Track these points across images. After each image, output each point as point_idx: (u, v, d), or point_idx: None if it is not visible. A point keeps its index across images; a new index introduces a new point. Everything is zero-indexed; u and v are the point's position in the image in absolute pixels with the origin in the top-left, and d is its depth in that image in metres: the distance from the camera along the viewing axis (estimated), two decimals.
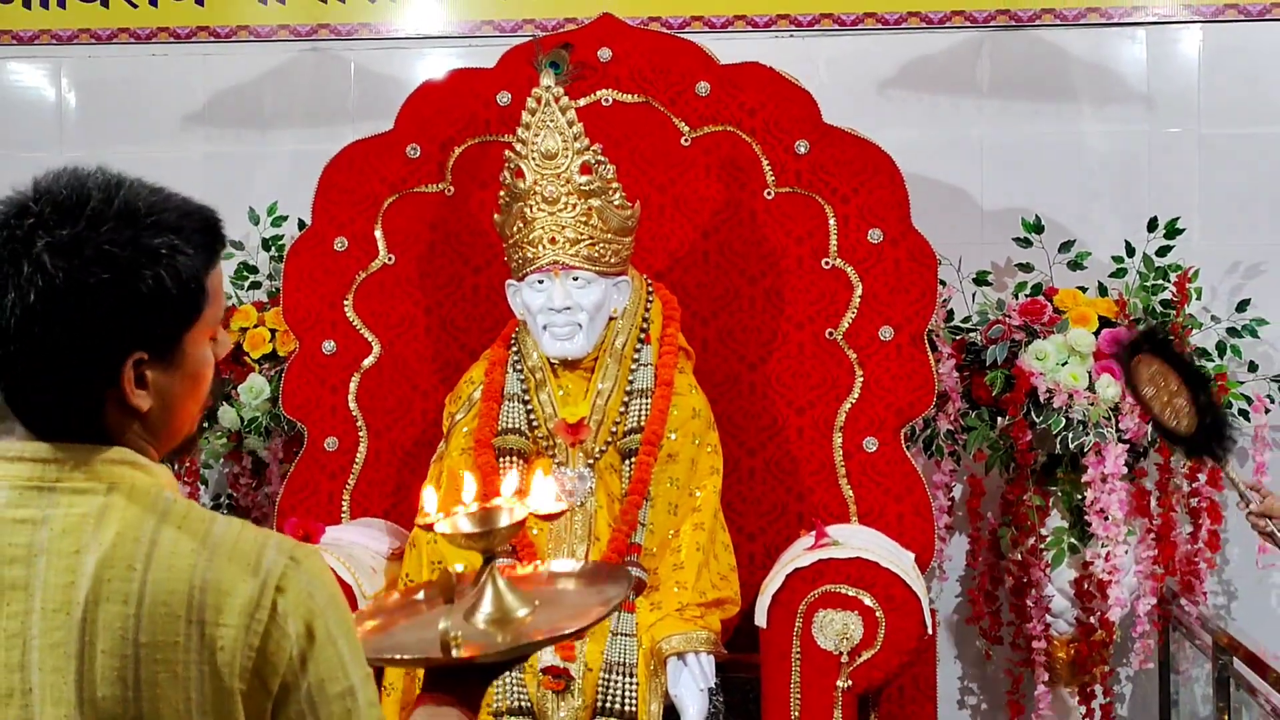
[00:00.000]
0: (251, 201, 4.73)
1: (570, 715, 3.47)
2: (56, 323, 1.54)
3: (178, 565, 1.55)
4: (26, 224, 1.55)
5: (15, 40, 5.01)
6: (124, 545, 1.55)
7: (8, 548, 1.55)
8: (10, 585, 1.55)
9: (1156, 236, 4.40)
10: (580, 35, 4.14)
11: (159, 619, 1.53)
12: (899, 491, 3.94)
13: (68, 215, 1.56)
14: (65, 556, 1.54)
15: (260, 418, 4.43)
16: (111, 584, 1.53)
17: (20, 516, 1.56)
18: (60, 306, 1.54)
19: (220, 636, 1.53)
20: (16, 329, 1.55)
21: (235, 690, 1.54)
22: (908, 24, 4.74)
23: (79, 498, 1.57)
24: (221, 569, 1.56)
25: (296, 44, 4.94)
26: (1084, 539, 4.25)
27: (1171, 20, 4.70)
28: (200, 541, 1.57)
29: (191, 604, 1.53)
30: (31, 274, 1.54)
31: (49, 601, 1.54)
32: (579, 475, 3.68)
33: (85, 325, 1.55)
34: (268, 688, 1.55)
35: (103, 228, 1.56)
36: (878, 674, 3.45)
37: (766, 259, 4.06)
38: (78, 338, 1.55)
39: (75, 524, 1.56)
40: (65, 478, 1.58)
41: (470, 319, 4.16)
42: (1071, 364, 4.18)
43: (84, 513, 1.56)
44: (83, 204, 1.57)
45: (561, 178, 3.61)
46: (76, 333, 1.55)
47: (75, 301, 1.54)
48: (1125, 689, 4.65)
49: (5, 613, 1.54)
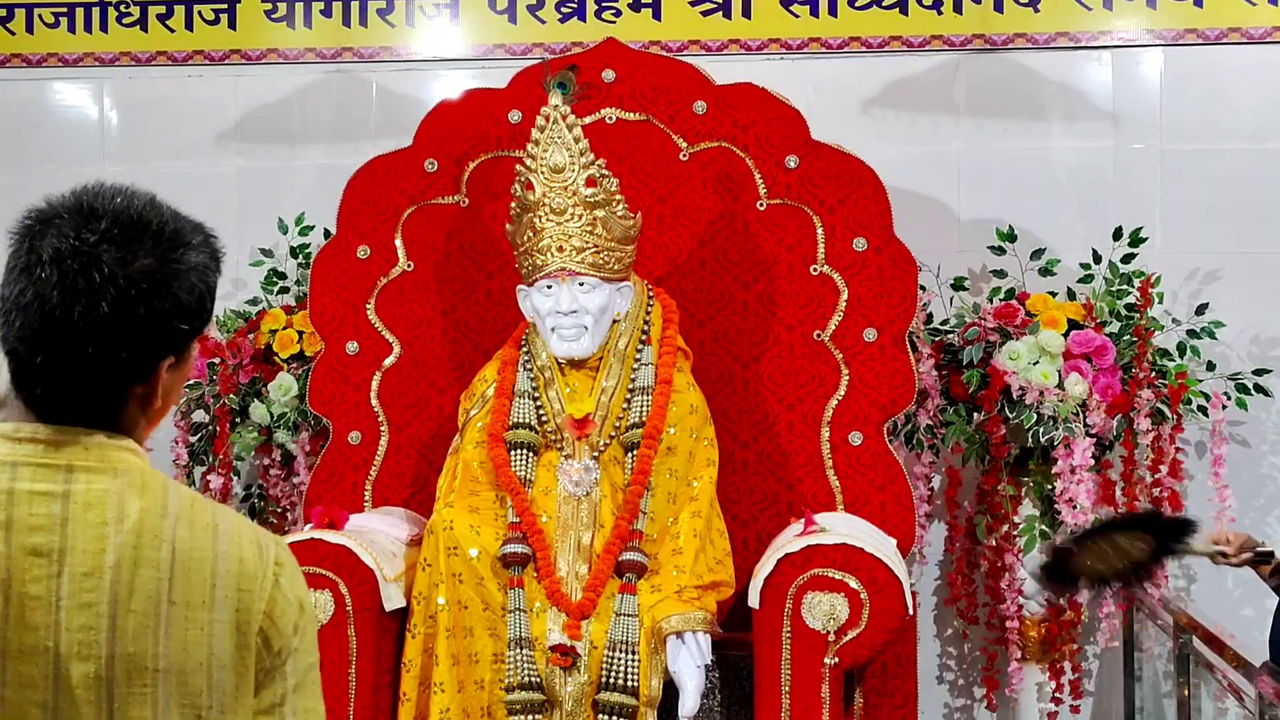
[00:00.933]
0: (280, 212, 4.72)
1: (577, 690, 3.47)
2: (119, 330, 1.57)
3: (199, 537, 1.60)
4: (91, 239, 1.57)
5: (61, 62, 5.00)
6: (150, 519, 1.58)
7: (29, 517, 1.57)
8: (34, 552, 1.56)
9: (1121, 245, 4.40)
10: (586, 58, 4.14)
11: (188, 581, 1.57)
12: (882, 482, 3.94)
13: (131, 233, 1.58)
14: (94, 526, 1.56)
15: (289, 413, 4.42)
16: (142, 550, 1.56)
17: (40, 489, 1.58)
18: (125, 316, 1.57)
19: (239, 599, 1.59)
20: (81, 332, 1.57)
21: (252, 646, 1.59)
22: (890, 47, 4.73)
23: (95, 476, 1.59)
24: (234, 543, 1.62)
25: (322, 66, 4.93)
26: (1054, 526, 4.24)
27: (1135, 44, 4.69)
28: (212, 522, 1.62)
29: (215, 570, 1.59)
30: (103, 285, 1.56)
31: (79, 566, 1.55)
32: (585, 467, 3.68)
33: (143, 333, 1.59)
34: (271, 647, 1.61)
35: (162, 248, 1.59)
36: (862, 651, 3.45)
37: (759, 266, 4.06)
38: (133, 343, 1.59)
39: (98, 498, 1.58)
40: (77, 458, 1.59)
41: (484, 321, 4.15)
42: (1042, 364, 4.17)
43: (104, 489, 1.58)
44: (143, 225, 1.60)
45: (568, 190, 3.60)
46: (133, 339, 1.58)
47: (138, 312, 1.57)
48: (1093, 665, 4.64)
49: (29, 577, 1.56)
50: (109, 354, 1.58)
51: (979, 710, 4.68)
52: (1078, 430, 4.14)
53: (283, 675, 1.63)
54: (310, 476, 4.22)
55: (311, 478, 4.20)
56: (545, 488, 3.68)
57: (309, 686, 1.64)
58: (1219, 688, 3.77)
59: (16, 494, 1.58)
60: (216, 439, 4.50)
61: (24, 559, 1.55)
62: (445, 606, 3.52)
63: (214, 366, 4.49)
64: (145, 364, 1.61)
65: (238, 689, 1.59)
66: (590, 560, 3.58)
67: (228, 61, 4.96)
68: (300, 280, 4.62)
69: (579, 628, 3.49)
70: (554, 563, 3.58)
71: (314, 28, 4.91)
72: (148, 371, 1.61)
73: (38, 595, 1.55)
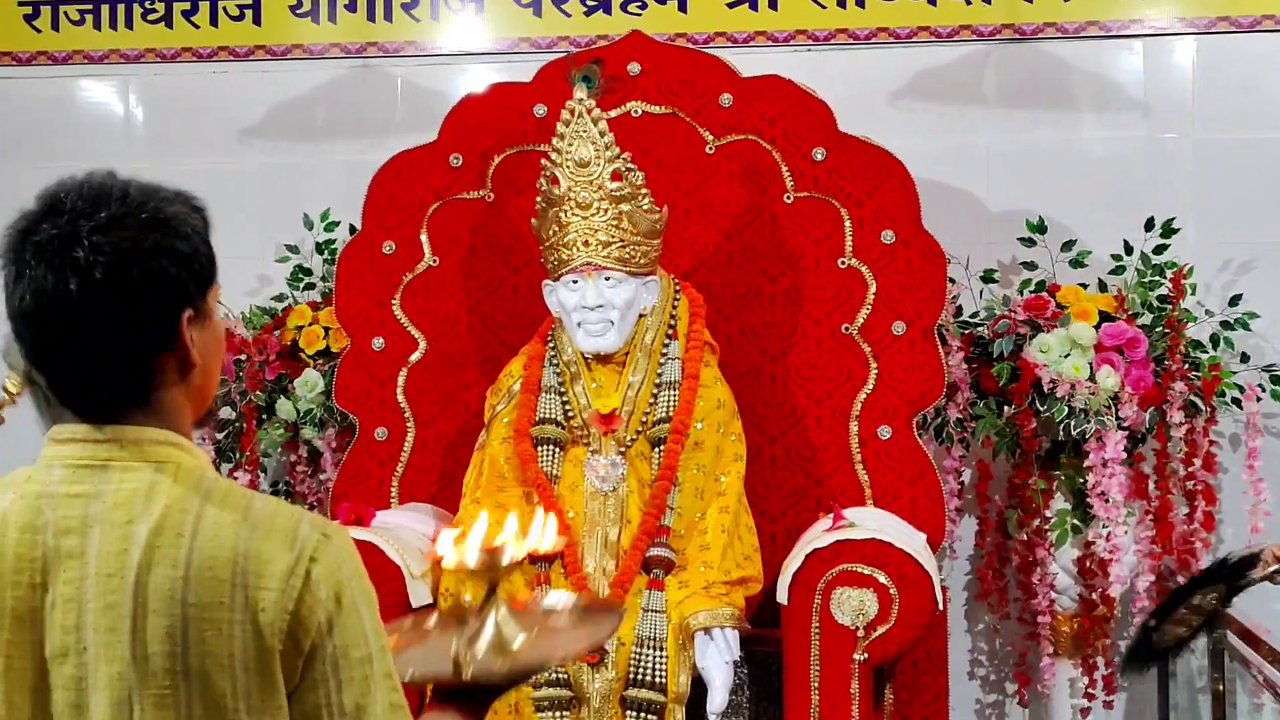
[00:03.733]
0: (306, 208, 4.74)
1: (604, 687, 3.47)
2: (121, 291, 1.59)
3: (222, 535, 1.58)
4: (62, 220, 1.59)
5: (86, 59, 5.03)
6: (172, 516, 1.58)
7: (62, 520, 1.59)
8: (66, 554, 1.58)
9: (1153, 236, 4.37)
10: (611, 51, 4.14)
11: (206, 582, 1.56)
12: (911, 476, 3.93)
13: (99, 203, 1.60)
14: (118, 526, 1.57)
15: (315, 410, 4.44)
16: (161, 550, 1.56)
17: (74, 491, 1.60)
18: (122, 275, 1.59)
19: (261, 599, 1.56)
20: (84, 308, 1.58)
21: (274, 649, 1.57)
22: (918, 38, 4.72)
23: (129, 474, 1.60)
24: (262, 540, 1.59)
25: (347, 61, 4.95)
26: (1086, 520, 4.22)
27: (1167, 32, 4.67)
28: (241, 516, 1.60)
29: (235, 569, 1.57)
30: (88, 256, 1.58)
31: (103, 567, 1.57)
32: (611, 462, 3.68)
33: (146, 288, 1.60)
34: (300, 647, 1.58)
35: (132, 207, 1.61)
36: (892, 647, 3.44)
37: (786, 259, 4.05)
38: (142, 302, 1.60)
39: (126, 498, 1.59)
40: (116, 457, 1.61)
41: (509, 317, 4.16)
42: (1074, 356, 4.15)
43: (134, 488, 1.59)
44: (107, 192, 1.61)
45: (594, 184, 3.60)
46: (140, 297, 1.60)
47: (134, 269, 1.59)
48: None
49: (61, 579, 1.58)
50: (121, 321, 1.59)
51: (1010, 706, 4.67)
52: (1110, 423, 4.12)
53: (324, 676, 1.59)
54: (337, 473, 4.23)
55: (338, 474, 4.21)
56: (572, 483, 3.68)
57: (358, 683, 1.60)
58: (1254, 683, 3.76)
59: (55, 497, 1.60)
60: (243, 436, 4.52)
61: (59, 561, 1.58)
62: (471, 604, 3.52)
63: (240, 363, 4.51)
64: (163, 324, 1.62)
65: (265, 690, 1.57)
66: (617, 556, 3.59)
67: (252, 57, 4.98)
68: (326, 276, 4.64)
69: None
70: (581, 559, 3.58)
71: (339, 23, 4.93)
72: (169, 332, 1.62)
73: (69, 598, 1.57)
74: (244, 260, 4.80)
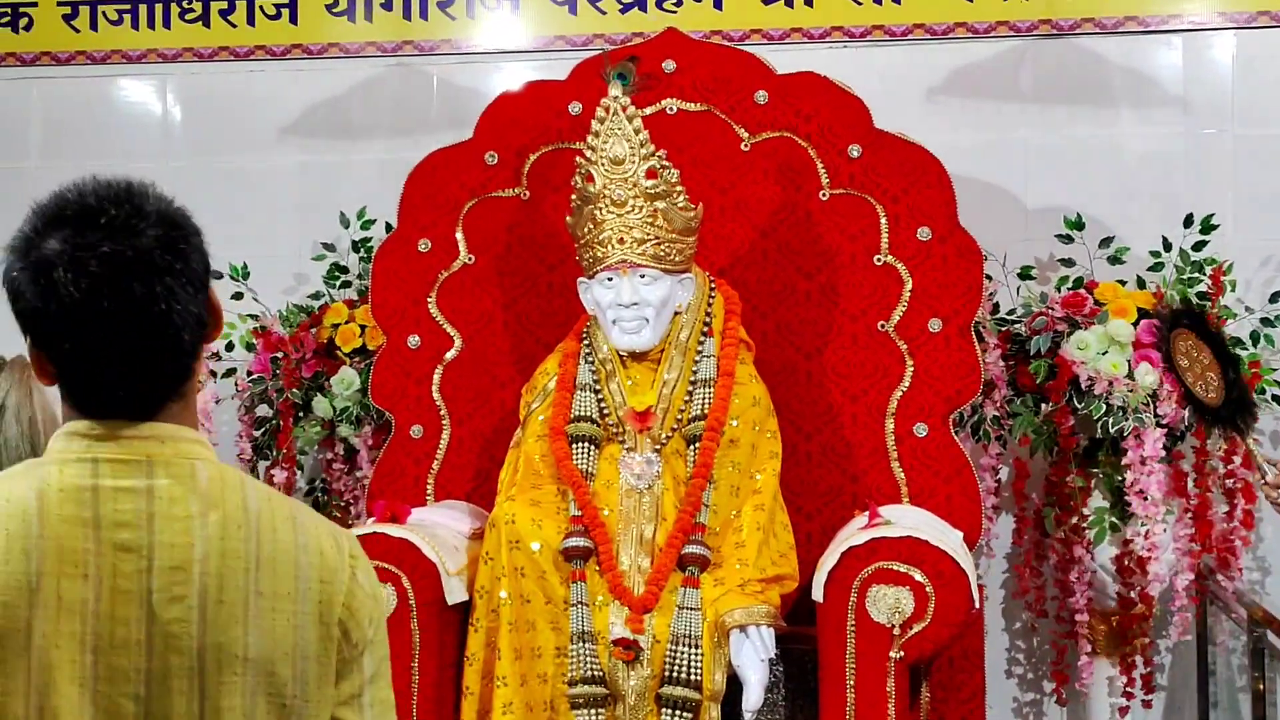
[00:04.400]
0: (342, 206, 4.76)
1: (640, 684, 3.48)
2: (190, 299, 1.61)
3: (280, 529, 1.63)
4: (119, 220, 1.58)
5: (125, 59, 5.07)
6: (235, 513, 1.61)
7: (115, 513, 1.59)
8: (122, 547, 1.58)
9: (1192, 232, 4.35)
10: (646, 48, 4.14)
11: (272, 573, 1.61)
12: (948, 474, 3.92)
13: (138, 211, 1.60)
14: (179, 520, 1.59)
15: (351, 407, 4.46)
16: (229, 543, 1.60)
17: (123, 486, 1.60)
18: (187, 284, 1.61)
19: (321, 591, 1.63)
20: (158, 315, 1.59)
21: (334, 637, 1.64)
22: (954, 34, 4.71)
23: (174, 470, 1.61)
24: (313, 535, 1.66)
25: (383, 59, 4.97)
26: (1124, 518, 4.21)
27: (1206, 27, 4.64)
28: (290, 513, 1.66)
29: (298, 561, 1.63)
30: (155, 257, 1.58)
31: (168, 560, 1.58)
32: (646, 460, 3.68)
33: (200, 295, 1.63)
34: (350, 638, 1.66)
35: (161, 201, 1.62)
36: (928, 645, 3.43)
37: (822, 256, 4.05)
38: (201, 308, 1.63)
39: (182, 494, 1.60)
40: (156, 454, 1.62)
41: (545, 314, 4.16)
42: (1112, 353, 4.14)
43: (185, 484, 1.61)
44: (141, 198, 1.61)
45: (629, 182, 3.61)
46: (200, 303, 1.63)
47: (193, 275, 1.61)
48: (1165, 659, 4.60)
49: (119, 572, 1.58)
50: (188, 325, 1.61)
51: (1048, 704, 4.65)
52: (1148, 421, 4.10)
53: (360, 667, 1.67)
54: (373, 470, 4.25)
55: (374, 471, 4.23)
56: (607, 481, 3.69)
57: (383, 677, 1.69)
58: None
59: (101, 490, 1.60)
60: (280, 433, 4.54)
61: (113, 554, 1.58)
62: (507, 600, 3.54)
63: (277, 361, 4.53)
64: (201, 335, 1.64)
65: (320, 679, 1.63)
66: (653, 554, 3.59)
67: (289, 56, 5.00)
68: (362, 274, 4.66)
69: (642, 621, 3.50)
70: (616, 556, 3.59)
71: (375, 21, 4.95)
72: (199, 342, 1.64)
73: (128, 590, 1.58)
74: (281, 259, 4.83)
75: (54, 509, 1.58)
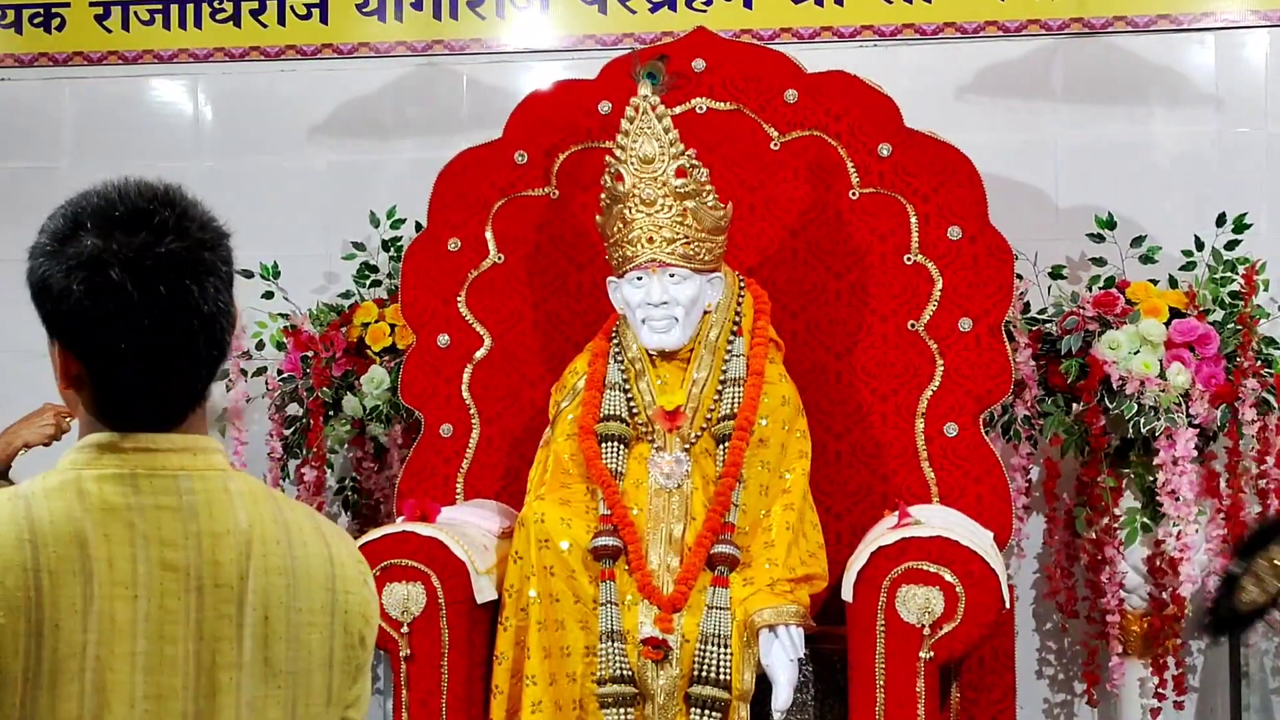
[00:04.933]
0: (372, 206, 4.77)
1: (669, 684, 3.48)
2: (226, 319, 1.62)
3: (310, 542, 1.65)
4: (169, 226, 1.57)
5: (156, 59, 5.09)
6: (267, 526, 1.62)
7: (158, 531, 1.57)
8: (169, 566, 1.57)
9: (1225, 231, 4.33)
10: (676, 47, 4.13)
11: (307, 587, 1.63)
12: (978, 474, 3.91)
13: (186, 217, 1.59)
14: (218, 537, 1.59)
15: (381, 406, 4.47)
16: (269, 559, 1.61)
17: (164, 503, 1.58)
18: (224, 304, 1.62)
19: (348, 602, 1.66)
20: (195, 330, 1.59)
21: (356, 646, 1.67)
22: (985, 33, 4.70)
23: (205, 482, 1.61)
24: (337, 547, 1.68)
25: (413, 59, 4.98)
26: (1156, 519, 4.19)
27: (1239, 25, 4.62)
28: (312, 522, 1.68)
29: (328, 574, 1.65)
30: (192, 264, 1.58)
31: (211, 578, 1.58)
32: (676, 459, 3.68)
33: (231, 308, 1.63)
34: (367, 645, 1.69)
35: (186, 222, 1.60)
36: (958, 646, 3.42)
37: (851, 255, 4.04)
38: (232, 319, 1.64)
39: (221, 510, 1.60)
40: (189, 465, 1.60)
41: (574, 314, 4.17)
42: (1143, 353, 4.12)
43: (218, 498, 1.60)
44: (188, 206, 1.61)
45: (658, 181, 3.61)
46: (232, 314, 1.64)
47: (229, 290, 1.63)
48: (1197, 660, 4.58)
49: (164, 590, 1.57)
50: (225, 323, 1.62)
51: (1079, 705, 4.64)
52: (1180, 421, 4.09)
53: (364, 673, 1.70)
54: (403, 469, 4.26)
55: (403, 470, 4.24)
56: (636, 480, 3.69)
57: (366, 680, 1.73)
58: None
59: (143, 509, 1.58)
60: (310, 432, 4.56)
61: (160, 574, 1.57)
62: (537, 599, 3.54)
63: (307, 360, 4.55)
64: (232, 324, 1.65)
65: (342, 689, 1.67)
66: (682, 553, 3.59)
67: (319, 56, 5.02)
68: (392, 273, 4.67)
69: (671, 621, 3.50)
70: (645, 555, 3.59)
71: (405, 21, 4.96)
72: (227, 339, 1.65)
73: (174, 609, 1.57)
74: (311, 258, 4.84)
75: (100, 529, 1.55)
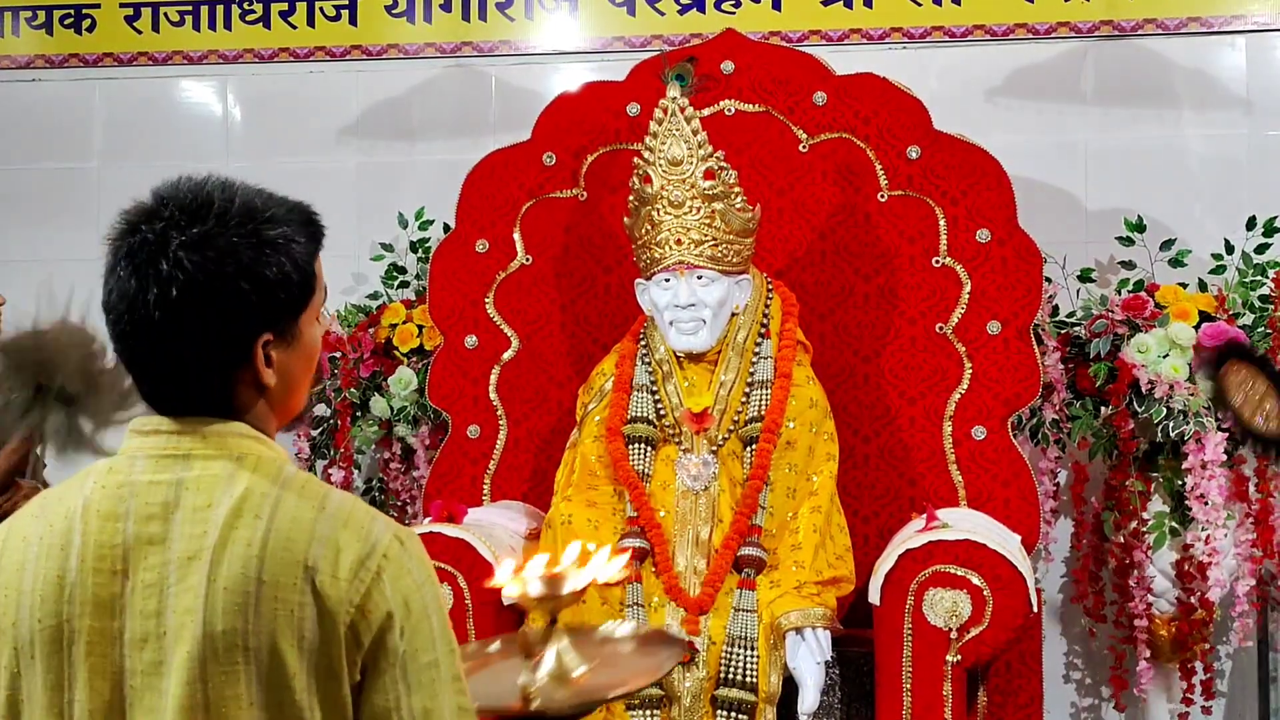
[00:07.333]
0: (400, 207, 4.79)
1: (695, 686, 3.48)
2: (197, 311, 1.62)
3: (299, 519, 1.62)
4: (158, 226, 1.63)
5: (186, 60, 5.11)
6: (251, 499, 1.62)
7: (144, 507, 1.62)
8: (148, 540, 1.61)
9: (1255, 234, 4.32)
10: (705, 49, 4.14)
11: (279, 561, 1.60)
12: (1006, 477, 3.90)
13: (196, 216, 1.64)
14: (198, 510, 1.61)
15: (409, 407, 4.49)
16: (237, 530, 1.60)
17: (156, 479, 1.63)
18: (199, 296, 1.62)
19: (330, 587, 1.60)
20: (160, 320, 1.62)
21: (341, 639, 1.60)
22: (1015, 35, 4.69)
23: (210, 463, 1.64)
24: (336, 530, 1.63)
25: (442, 61, 4.99)
26: (1184, 523, 4.18)
27: (1270, 28, 4.61)
28: (318, 505, 1.65)
29: (309, 553, 1.61)
30: (171, 270, 1.61)
31: (183, 551, 1.60)
32: (703, 461, 3.69)
33: (222, 311, 1.63)
34: (360, 642, 1.61)
35: (229, 224, 1.64)
36: (985, 649, 3.42)
37: (880, 258, 4.04)
38: (215, 323, 1.63)
39: (208, 484, 1.63)
40: (197, 448, 1.65)
41: (602, 315, 4.18)
42: (1172, 356, 4.11)
43: (215, 475, 1.63)
44: (208, 205, 1.65)
45: (687, 183, 3.61)
46: (214, 319, 1.63)
47: (212, 291, 1.62)
48: (1225, 665, 4.57)
49: (144, 565, 1.61)
50: (194, 338, 1.63)
51: (1107, 710, 4.63)
52: (1209, 425, 4.08)
53: (394, 679, 1.61)
54: (430, 470, 4.27)
55: (431, 471, 4.25)
56: (663, 482, 3.70)
57: (426, 686, 1.62)
58: None
59: (136, 485, 1.64)
60: (337, 433, 4.58)
61: (141, 548, 1.61)
62: None
63: (335, 361, 4.57)
64: (238, 344, 1.65)
65: (329, 679, 1.60)
66: (708, 555, 3.59)
67: (349, 57, 5.04)
68: (420, 275, 4.68)
69: (697, 623, 3.50)
70: (672, 558, 3.59)
71: (434, 23, 4.97)
72: (244, 351, 1.65)
73: (151, 583, 1.61)
74: (340, 259, 4.86)
75: (97, 506, 1.63)
